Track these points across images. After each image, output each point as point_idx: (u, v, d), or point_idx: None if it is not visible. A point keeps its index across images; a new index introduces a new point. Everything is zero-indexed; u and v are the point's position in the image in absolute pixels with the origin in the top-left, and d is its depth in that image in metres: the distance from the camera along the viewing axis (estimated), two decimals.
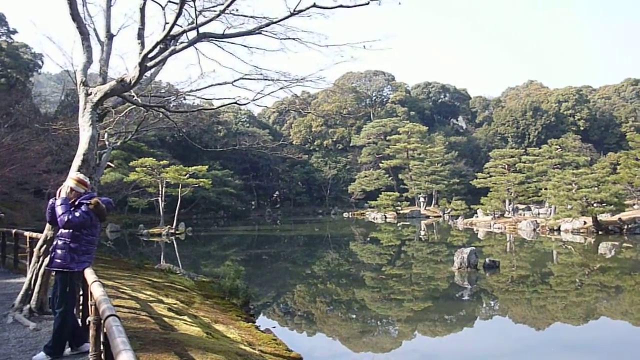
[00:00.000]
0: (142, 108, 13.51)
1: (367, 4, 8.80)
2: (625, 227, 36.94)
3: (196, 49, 11.01)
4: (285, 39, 10.19)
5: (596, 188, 37.39)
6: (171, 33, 8.98)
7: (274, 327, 12.86)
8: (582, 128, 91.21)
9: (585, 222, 38.09)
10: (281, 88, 11.44)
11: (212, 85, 11.89)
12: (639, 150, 47.02)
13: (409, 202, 69.69)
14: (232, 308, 12.84)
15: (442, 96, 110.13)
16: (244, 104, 12.03)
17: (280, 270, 25.77)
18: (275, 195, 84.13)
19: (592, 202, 36.38)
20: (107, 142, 14.31)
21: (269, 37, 10.30)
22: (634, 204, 49.01)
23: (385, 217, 64.15)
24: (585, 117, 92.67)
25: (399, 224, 54.58)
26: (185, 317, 9.37)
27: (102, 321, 4.08)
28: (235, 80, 11.58)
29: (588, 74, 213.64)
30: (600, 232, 36.81)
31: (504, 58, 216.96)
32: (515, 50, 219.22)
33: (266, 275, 23.67)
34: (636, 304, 16.44)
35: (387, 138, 78.93)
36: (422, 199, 70.60)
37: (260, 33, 9.86)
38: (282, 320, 14.74)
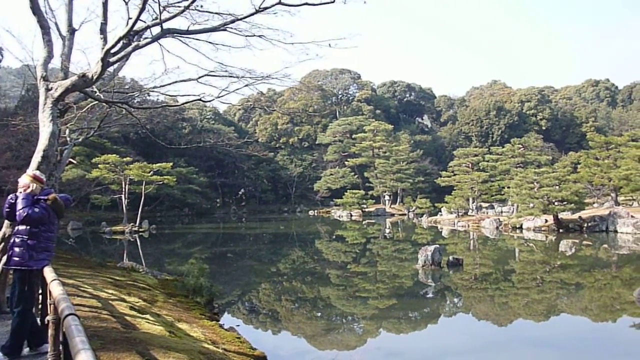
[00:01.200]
0: (104, 104, 13.32)
1: (333, 2, 8.82)
2: (585, 225, 37.68)
3: (160, 44, 10.91)
4: (250, 36, 10.16)
5: (557, 187, 38.03)
6: (134, 28, 8.88)
7: (238, 325, 12.80)
8: (544, 128, 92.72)
9: (546, 220, 38.74)
10: (246, 85, 11.40)
11: (176, 82, 11.81)
12: (598, 149, 48.02)
13: (374, 200, 70.04)
14: (196, 306, 12.73)
15: (407, 95, 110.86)
16: (209, 101, 11.96)
17: (245, 268, 25.66)
18: (240, 192, 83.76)
19: (554, 200, 37.00)
20: (68, 139, 14.07)
21: (234, 34, 10.26)
22: (593, 203, 50.03)
23: (351, 215, 64.34)
24: (547, 117, 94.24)
25: (364, 222, 54.78)
26: (148, 316, 9.27)
27: (61, 320, 4.00)
28: (200, 77, 11.50)
29: (550, 74, 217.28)
30: (561, 230, 37.47)
31: (468, 58, 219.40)
32: (480, 51, 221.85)
33: (231, 274, 23.55)
34: (595, 301, 16.78)
35: (353, 136, 79.17)
36: (387, 197, 71.00)
37: (225, 30, 9.80)
38: (247, 319, 14.68)
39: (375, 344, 12.48)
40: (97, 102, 12.42)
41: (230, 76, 11.30)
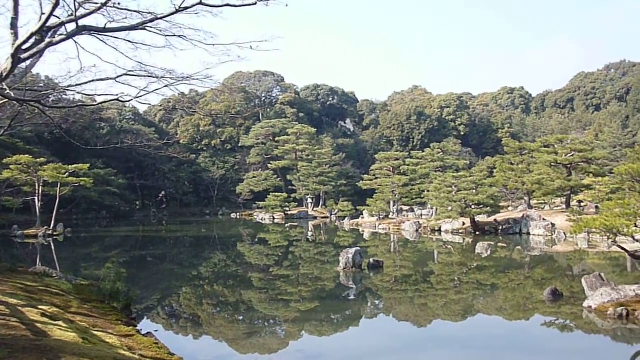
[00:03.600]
0: (15, 102, 12.75)
1: (254, 3, 8.75)
2: (500, 227, 39.00)
3: (75, 41, 10.51)
4: (170, 35, 9.95)
5: (474, 190, 39.16)
6: (48, 24, 8.53)
7: (156, 330, 12.52)
8: (462, 133, 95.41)
9: (463, 223, 39.85)
10: (166, 85, 11.14)
11: (93, 80, 11.41)
12: (513, 154, 49.89)
13: (296, 203, 70.19)
14: (112, 312, 12.37)
15: (330, 98, 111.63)
16: (127, 101, 11.64)
17: (165, 271, 25.16)
18: (160, 195, 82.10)
19: (470, 203, 38.09)
20: None
21: (154, 33, 10.02)
22: (508, 206, 51.90)
23: (273, 218, 64.26)
24: (465, 123, 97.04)
25: (286, 225, 54.80)
26: (60, 322, 8.92)
27: None
28: (118, 76, 11.18)
29: (468, 81, 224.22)
30: (477, 233, 38.64)
31: (390, 63, 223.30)
32: (401, 56, 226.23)
33: (150, 277, 23.05)
34: (509, 300, 17.35)
35: (276, 139, 79.07)
36: (309, 200, 71.28)
37: (144, 28, 9.57)
38: (166, 324, 14.38)
39: (296, 346, 12.49)
40: (7, 100, 11.85)
41: (150, 76, 11.03)
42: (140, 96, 11.25)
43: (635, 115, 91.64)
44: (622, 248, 14.44)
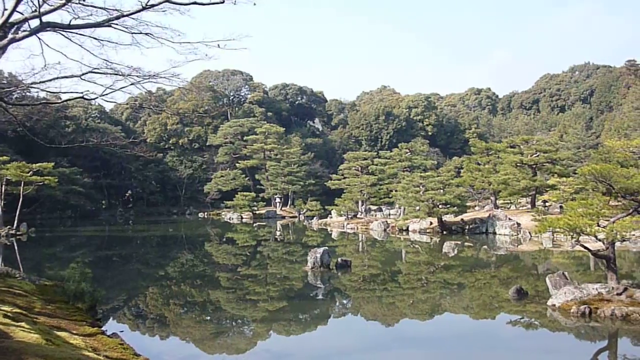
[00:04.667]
0: None
1: (222, 2, 8.70)
2: (467, 227, 39.40)
3: (39, 38, 10.33)
4: (137, 33, 9.84)
5: (442, 190, 39.48)
6: (11, 20, 8.37)
7: (122, 331, 12.38)
8: (430, 133, 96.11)
9: (431, 223, 40.15)
10: (133, 84, 11.01)
11: (57, 78, 11.20)
12: (480, 155, 50.43)
13: (265, 203, 69.96)
14: (77, 313, 12.19)
15: (299, 98, 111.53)
16: (93, 99, 11.48)
17: (132, 272, 24.90)
18: (127, 194, 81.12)
19: (438, 203, 38.39)
20: None
21: (121, 30, 9.90)
22: (475, 206, 52.48)
23: (242, 218, 63.99)
24: (433, 123, 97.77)
25: (255, 225, 54.63)
26: (23, 324, 8.76)
27: None
28: (83, 74, 11.01)
29: (436, 82, 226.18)
30: (444, 232, 38.96)
31: (358, 63, 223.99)
32: (369, 56, 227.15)
33: (116, 278, 22.78)
34: (476, 299, 17.55)
35: (244, 138, 78.69)
36: (278, 200, 71.11)
37: (109, 26, 9.44)
38: (133, 324, 14.23)
39: (264, 346, 12.47)
40: None
41: (116, 74, 10.88)
42: (107, 94, 11.12)
43: (599, 117, 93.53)
44: (585, 247, 14.69)
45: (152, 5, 8.62)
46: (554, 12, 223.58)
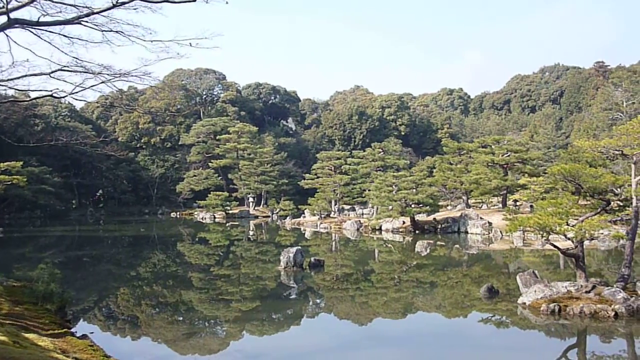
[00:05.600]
0: None
1: (194, 0, 8.64)
2: (439, 226, 39.68)
3: (7, 35, 10.14)
4: (108, 31, 9.71)
5: (414, 190, 39.68)
6: None
7: (92, 332, 12.21)
8: (403, 133, 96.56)
9: (404, 222, 40.33)
10: (103, 82, 10.87)
11: (26, 76, 11.02)
12: (452, 155, 50.84)
13: (238, 202, 69.67)
14: (46, 314, 12.01)
15: (272, 97, 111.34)
16: (62, 97, 11.31)
17: (103, 272, 24.61)
18: (98, 194, 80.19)
19: (411, 203, 38.58)
20: None
21: (91, 28, 9.77)
22: (447, 205, 52.86)
23: (214, 217, 63.66)
24: (406, 123, 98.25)
25: (228, 224, 54.40)
26: None
27: None
28: (53, 72, 10.85)
29: (409, 82, 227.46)
30: (417, 232, 39.18)
31: (332, 63, 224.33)
32: (343, 56, 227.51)
33: (87, 279, 22.50)
34: (448, 298, 17.68)
35: (217, 137, 78.23)
36: (251, 199, 70.87)
37: (79, 23, 9.31)
38: (103, 326, 14.07)
39: (237, 346, 12.42)
40: None
41: (86, 72, 10.73)
42: (76, 92, 10.97)
43: (568, 117, 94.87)
44: (555, 246, 14.89)
45: (123, 3, 8.52)
46: (524, 14, 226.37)
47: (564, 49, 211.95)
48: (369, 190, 47.12)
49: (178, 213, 73.04)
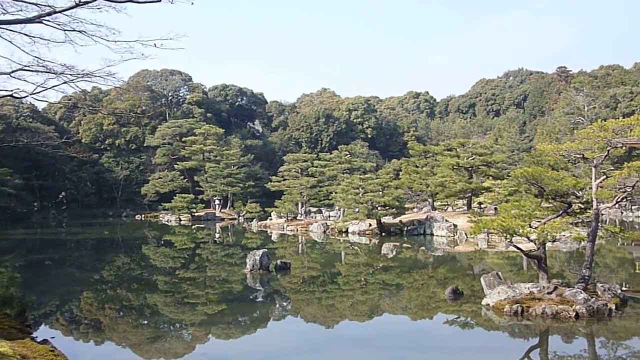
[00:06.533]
0: None
1: (159, 1, 8.55)
2: (405, 228, 39.93)
3: None
4: (70, 30, 9.54)
5: (380, 192, 39.87)
6: None
7: (53, 337, 11.99)
8: (369, 136, 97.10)
9: (370, 225, 40.49)
10: (65, 82, 10.68)
11: None
12: (418, 157, 51.20)
13: (204, 205, 69.23)
14: (5, 319, 11.74)
15: (239, 99, 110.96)
16: (23, 97, 11.09)
17: (65, 276, 24.20)
18: (61, 196, 78.87)
19: (377, 205, 38.75)
20: None
21: (53, 27, 9.59)
22: (413, 208, 53.29)
23: (180, 220, 63.12)
24: (373, 126, 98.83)
25: (193, 227, 53.99)
26: None
27: None
28: (13, 72, 10.63)
29: (375, 85, 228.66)
30: (383, 234, 39.35)
31: (299, 65, 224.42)
32: (310, 58, 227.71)
33: (49, 282, 22.08)
34: (414, 300, 17.79)
35: (183, 139, 77.61)
36: (217, 202, 70.43)
37: (41, 22, 9.13)
38: (66, 330, 13.83)
39: (202, 349, 12.32)
40: None
41: (48, 72, 10.53)
42: (38, 92, 10.77)
43: (531, 121, 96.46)
44: (518, 248, 15.08)
45: (86, 2, 8.39)
46: (488, 19, 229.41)
47: (528, 54, 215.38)
48: (336, 192, 47.19)
49: (143, 215, 72.26)
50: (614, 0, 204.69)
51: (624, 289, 16.58)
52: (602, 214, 25.07)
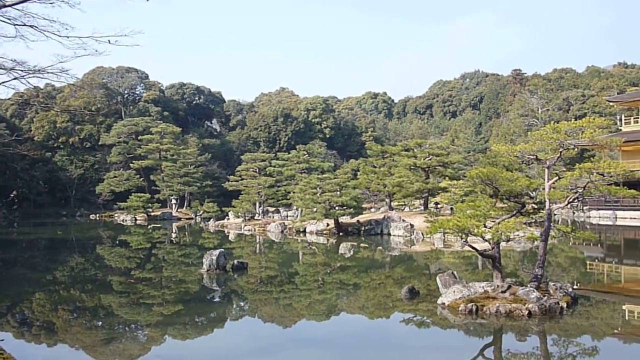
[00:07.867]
0: None
1: None
2: (363, 228, 40.10)
3: None
4: (21, 25, 9.32)
5: (338, 192, 39.95)
6: None
7: (2, 340, 11.70)
8: (328, 136, 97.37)
9: (328, 224, 40.57)
10: (16, 78, 10.41)
11: None
12: (375, 158, 51.53)
13: (160, 204, 68.47)
14: None
15: (196, 98, 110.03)
16: None
17: (16, 277, 23.63)
18: (12, 195, 76.83)
19: (335, 205, 38.83)
20: None
21: (3, 21, 9.35)
22: (370, 207, 53.64)
23: (136, 219, 62.28)
24: (331, 126, 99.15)
25: (149, 227, 53.33)
26: None
27: None
28: None
29: (334, 85, 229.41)
30: (341, 234, 39.45)
31: (257, 63, 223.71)
32: (268, 57, 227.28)
33: None
34: (370, 299, 17.88)
35: (139, 138, 76.56)
36: (174, 201, 69.73)
37: None
38: (17, 332, 13.52)
39: (158, 351, 12.17)
40: None
41: None
42: None
43: (487, 122, 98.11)
44: (473, 247, 15.29)
45: None
46: (446, 21, 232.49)
47: (483, 57, 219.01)
48: (294, 192, 47.13)
49: (97, 215, 71.04)
50: (568, 5, 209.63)
51: (575, 287, 16.99)
52: (555, 214, 25.62)
